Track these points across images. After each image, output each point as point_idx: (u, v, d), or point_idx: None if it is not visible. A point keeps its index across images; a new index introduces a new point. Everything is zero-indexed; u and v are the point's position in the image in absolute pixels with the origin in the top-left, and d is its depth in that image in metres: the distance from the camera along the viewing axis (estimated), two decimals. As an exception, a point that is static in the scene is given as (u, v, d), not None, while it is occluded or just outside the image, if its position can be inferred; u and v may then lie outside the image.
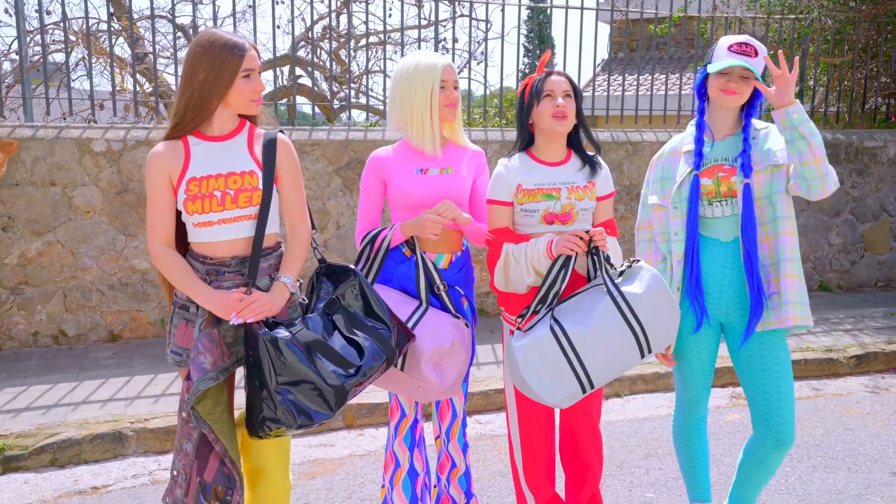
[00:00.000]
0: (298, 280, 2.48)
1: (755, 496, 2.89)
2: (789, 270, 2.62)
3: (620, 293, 2.49)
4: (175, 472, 2.36)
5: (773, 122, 2.64)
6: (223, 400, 2.38)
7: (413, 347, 2.54)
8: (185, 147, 2.37)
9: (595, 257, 2.56)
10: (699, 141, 2.71)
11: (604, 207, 2.73)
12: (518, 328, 2.56)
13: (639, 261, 2.61)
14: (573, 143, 2.72)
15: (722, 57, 2.63)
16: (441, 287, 2.67)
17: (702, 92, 2.75)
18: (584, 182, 2.66)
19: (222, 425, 2.35)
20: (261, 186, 2.36)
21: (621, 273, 2.58)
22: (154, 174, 2.36)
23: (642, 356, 2.52)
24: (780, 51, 2.63)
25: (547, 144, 2.68)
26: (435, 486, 2.91)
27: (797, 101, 2.52)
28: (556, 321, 2.49)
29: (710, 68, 2.64)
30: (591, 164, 2.70)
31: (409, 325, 2.56)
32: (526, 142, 2.72)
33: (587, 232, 2.53)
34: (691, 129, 2.78)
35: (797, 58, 2.60)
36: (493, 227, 2.68)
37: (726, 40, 2.66)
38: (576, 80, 2.68)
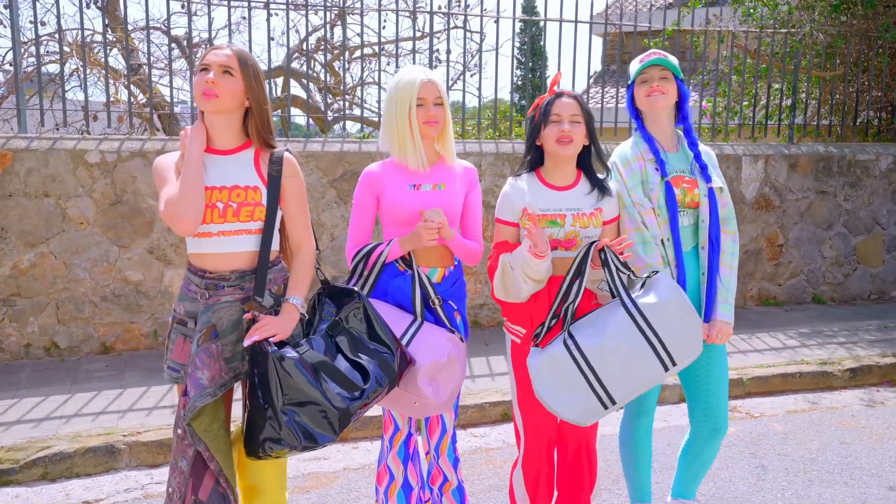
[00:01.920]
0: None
1: (696, 486, 3.07)
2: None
3: (635, 304, 2.48)
4: (170, 490, 2.34)
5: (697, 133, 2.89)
6: (220, 416, 2.36)
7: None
8: None
9: (608, 269, 2.54)
10: (656, 151, 2.78)
11: (609, 231, 2.70)
12: (536, 345, 2.56)
13: (657, 272, 2.60)
14: (585, 164, 2.70)
15: (636, 66, 2.79)
16: (436, 301, 2.67)
17: (635, 113, 2.85)
18: (590, 209, 2.64)
19: (218, 443, 2.32)
20: (264, 202, 2.36)
21: (643, 284, 2.57)
22: (164, 170, 2.38)
23: (666, 369, 2.48)
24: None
25: (554, 167, 2.67)
26: (428, 501, 2.89)
27: (726, 322, 2.76)
28: (571, 336, 2.49)
29: (632, 77, 2.78)
30: (600, 187, 2.67)
31: (405, 339, 2.55)
32: (535, 160, 2.71)
33: (593, 245, 2.55)
34: (639, 139, 2.82)
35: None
36: (496, 241, 2.70)
37: (638, 57, 2.83)
38: (585, 102, 2.67)
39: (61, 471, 3.71)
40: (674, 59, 2.77)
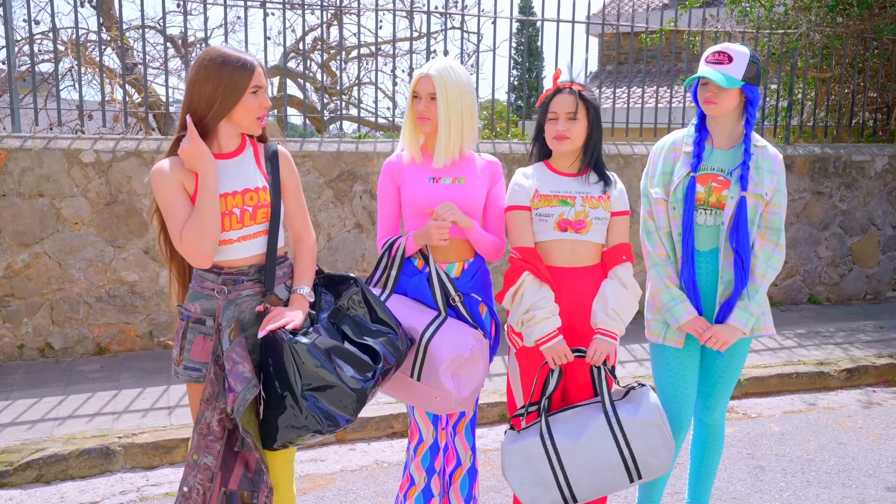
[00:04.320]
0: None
1: (710, 486, 3.13)
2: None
3: (616, 414, 2.53)
4: (186, 489, 2.32)
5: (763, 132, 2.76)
6: (253, 408, 2.39)
7: (431, 356, 2.53)
8: None
9: (597, 369, 2.59)
10: (699, 143, 2.76)
11: (618, 225, 2.68)
12: (512, 427, 2.61)
13: (644, 385, 2.65)
14: (591, 158, 2.69)
15: (700, 68, 2.75)
16: (457, 298, 2.64)
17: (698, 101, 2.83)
18: (598, 193, 2.65)
19: (256, 431, 2.36)
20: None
21: (626, 393, 2.62)
22: (167, 187, 2.29)
23: (631, 481, 2.54)
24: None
25: (560, 158, 2.69)
26: (445, 480, 2.85)
27: (734, 328, 2.71)
28: (548, 428, 2.53)
29: (688, 80, 2.77)
30: (606, 180, 2.69)
31: (428, 333, 2.55)
32: (542, 153, 2.73)
33: (580, 354, 2.57)
34: (692, 129, 2.82)
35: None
36: (518, 241, 2.64)
37: (707, 51, 2.77)
38: (591, 95, 2.65)
39: (56, 473, 3.69)
40: (732, 68, 2.65)
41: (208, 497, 2.30)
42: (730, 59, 2.67)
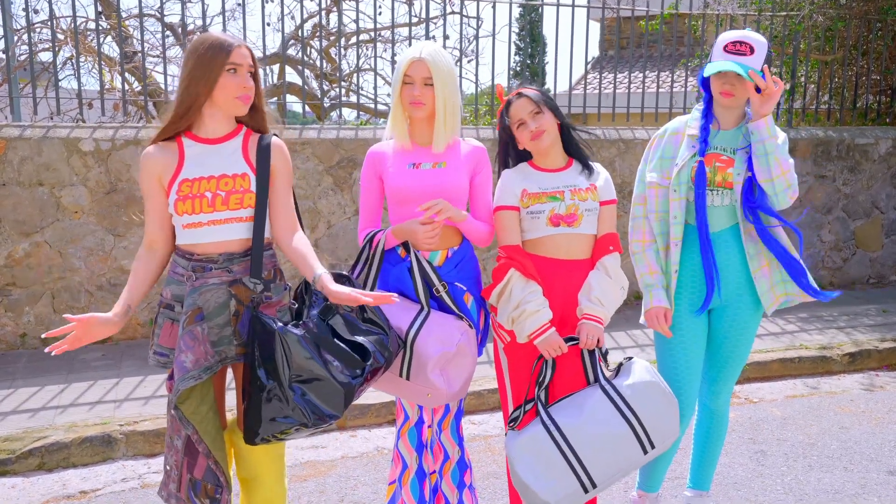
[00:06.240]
0: (288, 285, 2.49)
1: (712, 471, 3.11)
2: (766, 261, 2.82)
3: (612, 385, 2.52)
4: (168, 467, 2.36)
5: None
6: (208, 400, 2.36)
7: (418, 355, 2.50)
8: (179, 148, 2.36)
9: (589, 354, 2.59)
10: (705, 128, 2.73)
11: (606, 214, 2.68)
12: (513, 428, 2.59)
13: (631, 358, 2.65)
14: (571, 150, 2.70)
15: (718, 57, 2.66)
16: (441, 289, 2.59)
17: (706, 85, 2.77)
18: (585, 185, 2.65)
19: (207, 425, 2.33)
20: (253, 189, 2.34)
21: (617, 371, 2.62)
22: (144, 177, 2.39)
23: (645, 452, 2.49)
24: (766, 67, 2.62)
25: (542, 157, 2.68)
26: (433, 473, 2.83)
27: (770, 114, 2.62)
28: (549, 416, 2.51)
29: (706, 70, 2.66)
30: (590, 169, 2.70)
31: (413, 330, 2.52)
32: (525, 155, 2.71)
33: (572, 341, 2.56)
34: (697, 113, 2.80)
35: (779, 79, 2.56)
36: (504, 240, 2.63)
37: (724, 38, 2.67)
38: (545, 88, 2.68)
39: (58, 461, 3.70)
40: (753, 60, 2.59)
41: (179, 479, 2.32)
42: (751, 51, 2.60)
